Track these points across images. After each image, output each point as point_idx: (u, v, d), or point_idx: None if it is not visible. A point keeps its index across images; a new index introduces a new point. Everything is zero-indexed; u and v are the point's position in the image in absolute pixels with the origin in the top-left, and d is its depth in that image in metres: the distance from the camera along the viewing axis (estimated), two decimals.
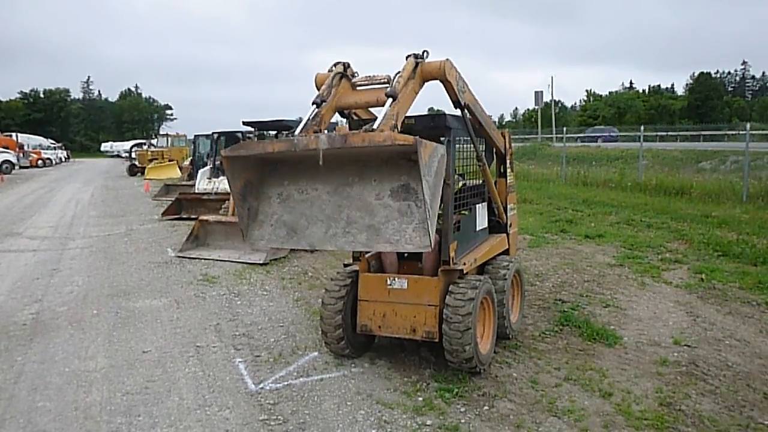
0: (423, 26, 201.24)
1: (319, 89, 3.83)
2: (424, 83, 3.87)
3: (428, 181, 3.03)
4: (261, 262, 7.92)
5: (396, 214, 3.28)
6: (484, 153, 5.24)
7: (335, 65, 3.95)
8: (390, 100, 3.50)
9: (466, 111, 4.18)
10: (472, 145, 4.61)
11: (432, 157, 3.10)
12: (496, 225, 5.31)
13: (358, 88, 3.97)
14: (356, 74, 4.03)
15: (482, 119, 4.57)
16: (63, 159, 48.16)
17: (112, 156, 57.57)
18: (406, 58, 3.77)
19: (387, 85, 3.71)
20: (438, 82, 3.91)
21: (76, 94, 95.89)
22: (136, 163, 29.83)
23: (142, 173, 27.07)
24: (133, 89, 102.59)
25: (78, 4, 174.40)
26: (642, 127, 18.91)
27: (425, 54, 3.79)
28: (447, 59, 3.82)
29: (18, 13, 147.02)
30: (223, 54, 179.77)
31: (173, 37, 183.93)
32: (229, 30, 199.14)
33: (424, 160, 2.99)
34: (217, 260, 8.27)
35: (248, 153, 3.41)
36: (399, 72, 3.66)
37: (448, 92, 4.00)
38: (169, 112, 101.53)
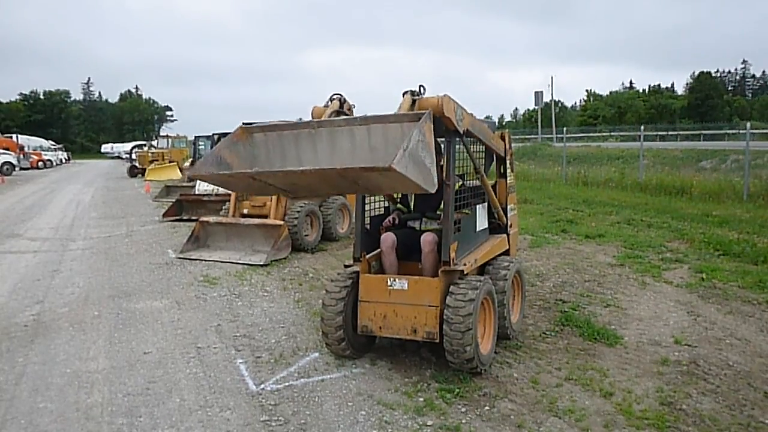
0: (418, 26, 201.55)
1: None
2: None
3: (417, 141, 2.99)
4: (262, 263, 7.92)
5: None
6: (484, 154, 5.27)
7: (331, 100, 3.99)
8: None
9: (465, 136, 4.18)
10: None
11: (428, 139, 3.10)
12: (497, 225, 5.32)
13: None
14: (353, 107, 4.04)
15: (482, 135, 4.58)
16: (63, 160, 48.21)
17: (113, 157, 57.54)
18: (403, 95, 3.74)
19: None
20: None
21: (77, 95, 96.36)
22: (137, 164, 29.82)
23: (143, 174, 27.09)
24: (133, 90, 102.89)
25: (77, 6, 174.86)
26: (642, 127, 18.97)
27: (422, 90, 3.74)
28: (445, 95, 3.72)
29: (17, 14, 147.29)
30: (220, 55, 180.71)
31: (172, 38, 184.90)
32: (225, 31, 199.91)
33: (423, 128, 3.04)
34: (217, 261, 8.27)
35: (264, 126, 3.65)
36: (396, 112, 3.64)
37: (446, 126, 3.90)
38: (169, 113, 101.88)
